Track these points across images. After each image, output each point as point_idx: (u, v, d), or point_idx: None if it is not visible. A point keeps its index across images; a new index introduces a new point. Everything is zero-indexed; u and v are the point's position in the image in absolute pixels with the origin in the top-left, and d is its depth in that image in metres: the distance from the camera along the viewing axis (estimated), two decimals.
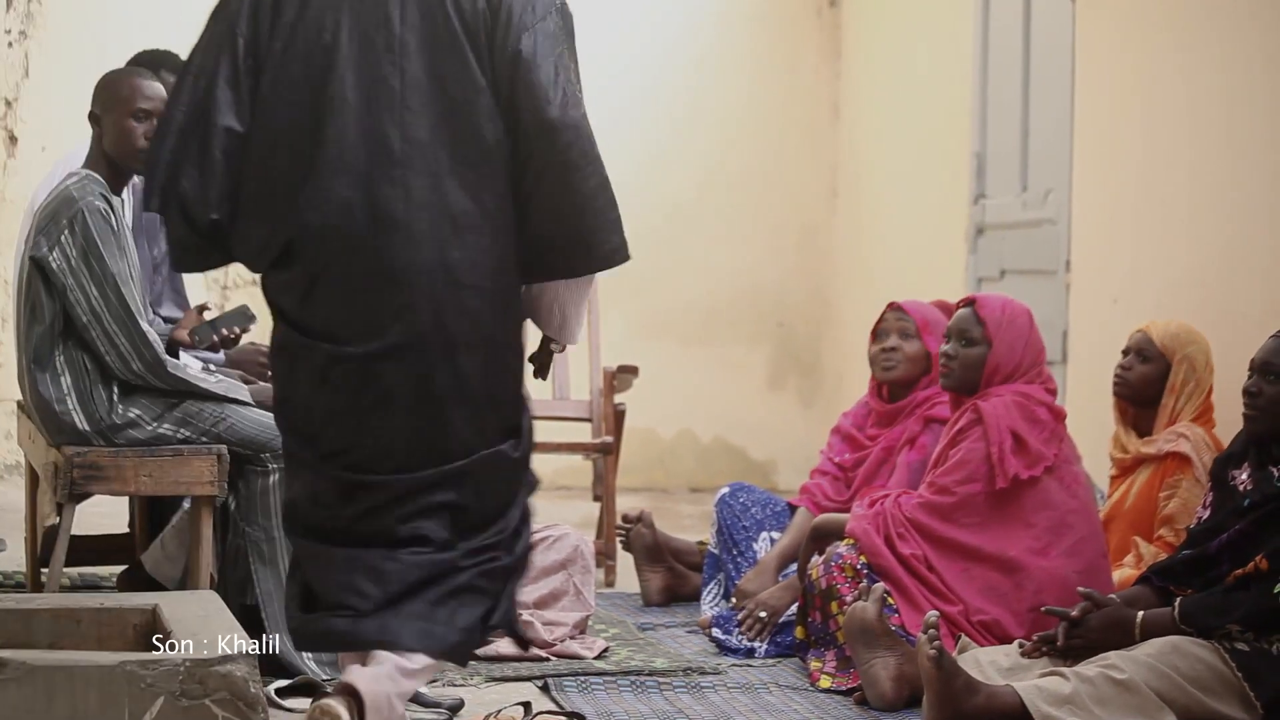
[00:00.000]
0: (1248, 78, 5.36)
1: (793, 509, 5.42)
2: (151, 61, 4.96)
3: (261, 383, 4.82)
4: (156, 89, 4.57)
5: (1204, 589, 4.13)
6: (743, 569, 5.32)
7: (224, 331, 4.71)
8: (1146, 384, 5.08)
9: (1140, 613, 4.15)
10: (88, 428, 4.43)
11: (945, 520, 4.65)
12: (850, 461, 5.36)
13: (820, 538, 4.84)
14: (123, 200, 4.63)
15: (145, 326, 4.42)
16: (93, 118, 4.57)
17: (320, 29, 3.62)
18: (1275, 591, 3.98)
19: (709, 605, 5.37)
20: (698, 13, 8.79)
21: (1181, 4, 5.78)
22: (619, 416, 6.33)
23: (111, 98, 4.54)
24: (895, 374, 5.28)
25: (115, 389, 4.46)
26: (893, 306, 5.35)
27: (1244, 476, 4.21)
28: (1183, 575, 4.22)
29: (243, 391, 4.55)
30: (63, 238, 4.40)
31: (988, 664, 4.25)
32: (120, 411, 4.44)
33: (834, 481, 5.37)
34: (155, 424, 4.47)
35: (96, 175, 4.52)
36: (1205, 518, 4.30)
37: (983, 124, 7.21)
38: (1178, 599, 4.14)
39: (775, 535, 5.35)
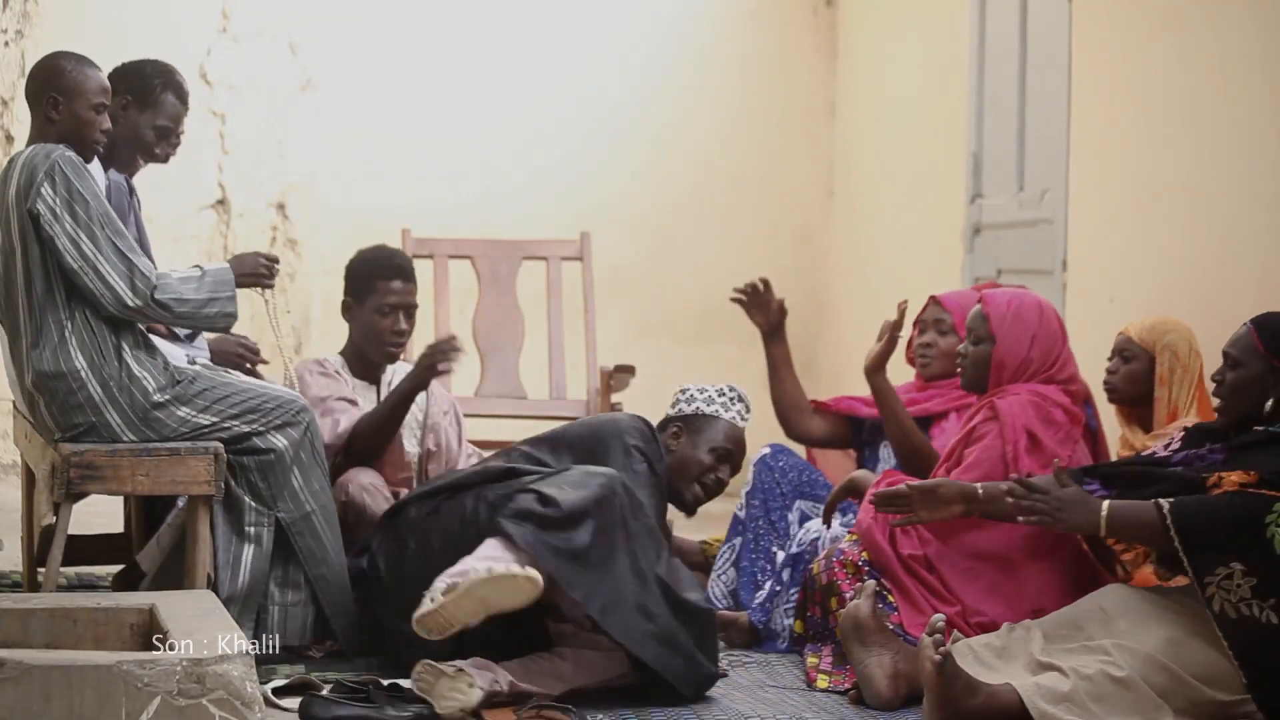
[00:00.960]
0: (1244, 77, 5.36)
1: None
2: (165, 74, 4.95)
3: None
4: (106, 82, 4.61)
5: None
6: (769, 537, 5.27)
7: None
8: (1133, 383, 5.06)
9: (1105, 502, 4.15)
10: (100, 394, 4.44)
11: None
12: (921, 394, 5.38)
13: (854, 490, 4.90)
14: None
15: (138, 259, 4.47)
16: (50, 102, 4.54)
17: None
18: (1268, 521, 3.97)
19: (719, 570, 5.34)
20: (693, 11, 8.78)
21: (1178, 3, 5.78)
22: None
23: (71, 88, 4.53)
24: (931, 370, 5.34)
25: (125, 349, 4.50)
26: (933, 300, 5.39)
27: (1220, 446, 4.25)
28: (1125, 483, 4.23)
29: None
30: (43, 190, 4.43)
31: (981, 647, 4.25)
32: (131, 370, 4.48)
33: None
34: (159, 392, 4.49)
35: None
36: (1161, 453, 4.31)
37: (979, 123, 7.20)
38: (1164, 500, 4.09)
39: (805, 505, 5.32)
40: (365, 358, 5.24)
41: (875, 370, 5.16)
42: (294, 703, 4.17)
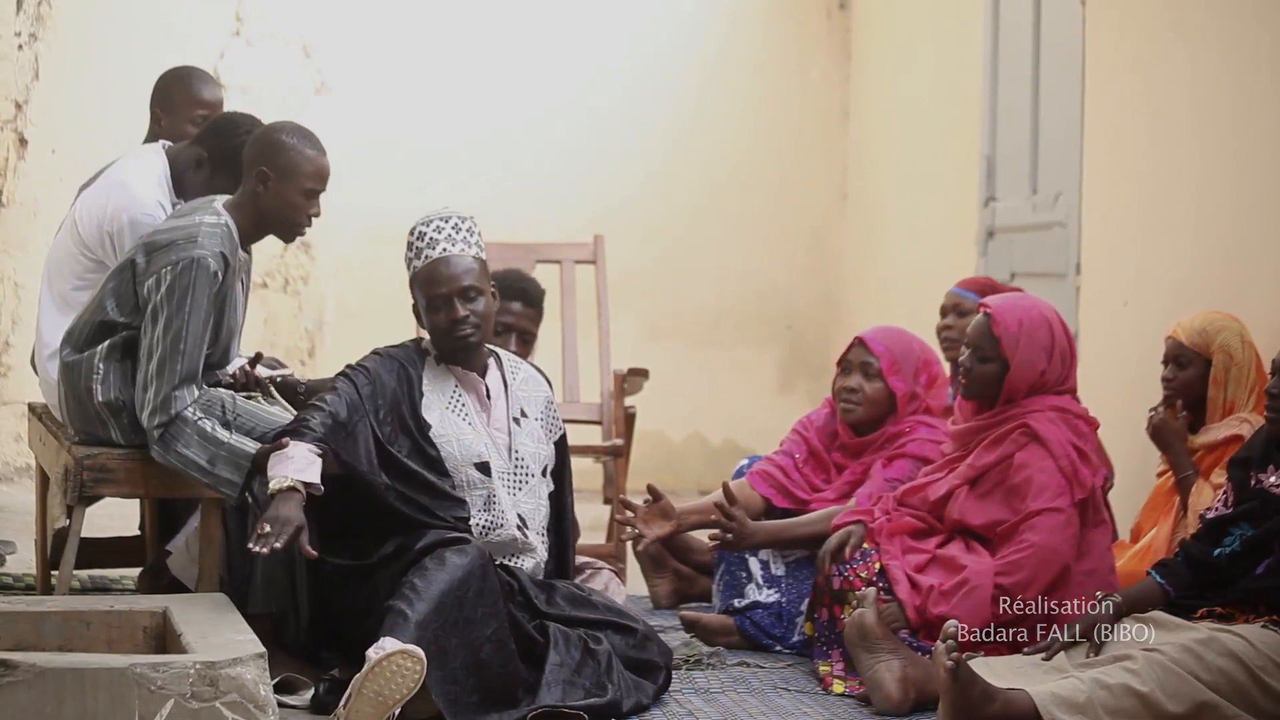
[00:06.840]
0: (1256, 80, 5.36)
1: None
2: (246, 125, 4.75)
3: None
4: (325, 165, 4.47)
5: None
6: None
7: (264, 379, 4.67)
8: (1190, 389, 5.02)
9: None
10: (130, 429, 4.41)
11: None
12: (813, 476, 5.28)
13: (844, 539, 4.79)
14: (250, 255, 4.56)
15: (182, 391, 4.29)
16: (259, 176, 4.41)
17: None
18: None
19: (718, 591, 5.33)
20: (708, 16, 8.79)
21: (1190, 7, 5.78)
22: (629, 419, 6.33)
23: (291, 169, 4.41)
24: (854, 416, 5.16)
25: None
26: (859, 341, 5.19)
27: (1273, 479, 4.20)
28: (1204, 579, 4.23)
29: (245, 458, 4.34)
30: (163, 270, 4.32)
31: (998, 662, 4.24)
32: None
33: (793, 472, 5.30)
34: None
35: (233, 228, 4.40)
36: (1226, 514, 4.28)
37: (993, 126, 7.20)
38: None
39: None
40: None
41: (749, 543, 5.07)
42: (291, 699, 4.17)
